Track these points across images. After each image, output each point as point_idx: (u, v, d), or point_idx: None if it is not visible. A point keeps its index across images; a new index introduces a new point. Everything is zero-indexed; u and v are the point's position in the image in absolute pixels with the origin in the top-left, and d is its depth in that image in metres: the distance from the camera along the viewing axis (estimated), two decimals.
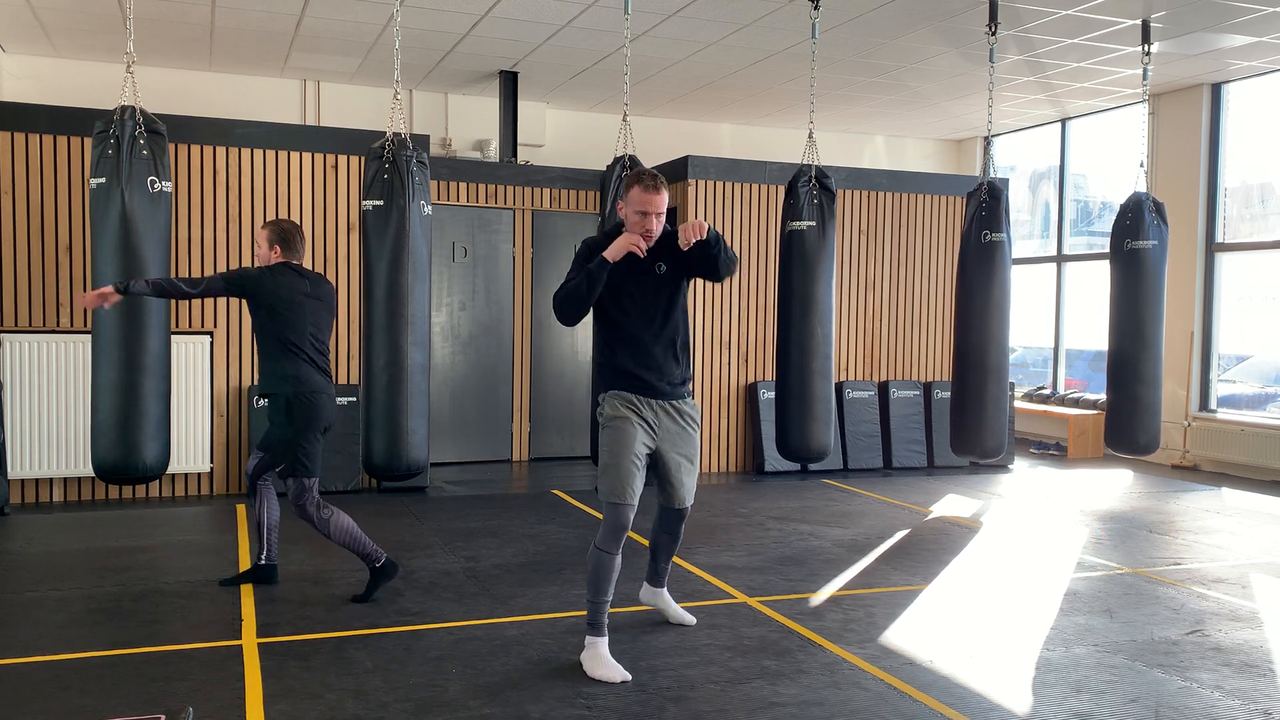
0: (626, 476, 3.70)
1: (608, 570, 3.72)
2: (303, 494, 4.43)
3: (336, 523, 4.47)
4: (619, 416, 3.77)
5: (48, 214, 6.60)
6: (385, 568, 4.62)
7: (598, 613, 3.74)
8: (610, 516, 3.71)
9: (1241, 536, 6.28)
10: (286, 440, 4.44)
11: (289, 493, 4.46)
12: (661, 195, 3.70)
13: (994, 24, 6.53)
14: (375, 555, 4.58)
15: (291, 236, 4.56)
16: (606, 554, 3.71)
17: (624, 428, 3.75)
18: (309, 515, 4.46)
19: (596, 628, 3.74)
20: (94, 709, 3.34)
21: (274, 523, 4.78)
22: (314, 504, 4.46)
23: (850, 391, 8.59)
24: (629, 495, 3.70)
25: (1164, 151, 9.46)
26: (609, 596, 3.75)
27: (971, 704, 3.52)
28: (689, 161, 8.25)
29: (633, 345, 3.79)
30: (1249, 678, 3.83)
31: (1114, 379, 6.79)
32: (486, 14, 7.41)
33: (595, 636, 3.75)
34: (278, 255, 4.54)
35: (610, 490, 3.71)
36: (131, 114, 4.47)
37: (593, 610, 3.74)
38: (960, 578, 5.20)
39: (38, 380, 6.51)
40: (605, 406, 3.82)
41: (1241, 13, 7.03)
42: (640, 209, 3.69)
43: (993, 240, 6.23)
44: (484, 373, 8.51)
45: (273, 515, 4.77)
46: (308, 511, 4.46)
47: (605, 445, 3.77)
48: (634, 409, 3.79)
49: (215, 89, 9.18)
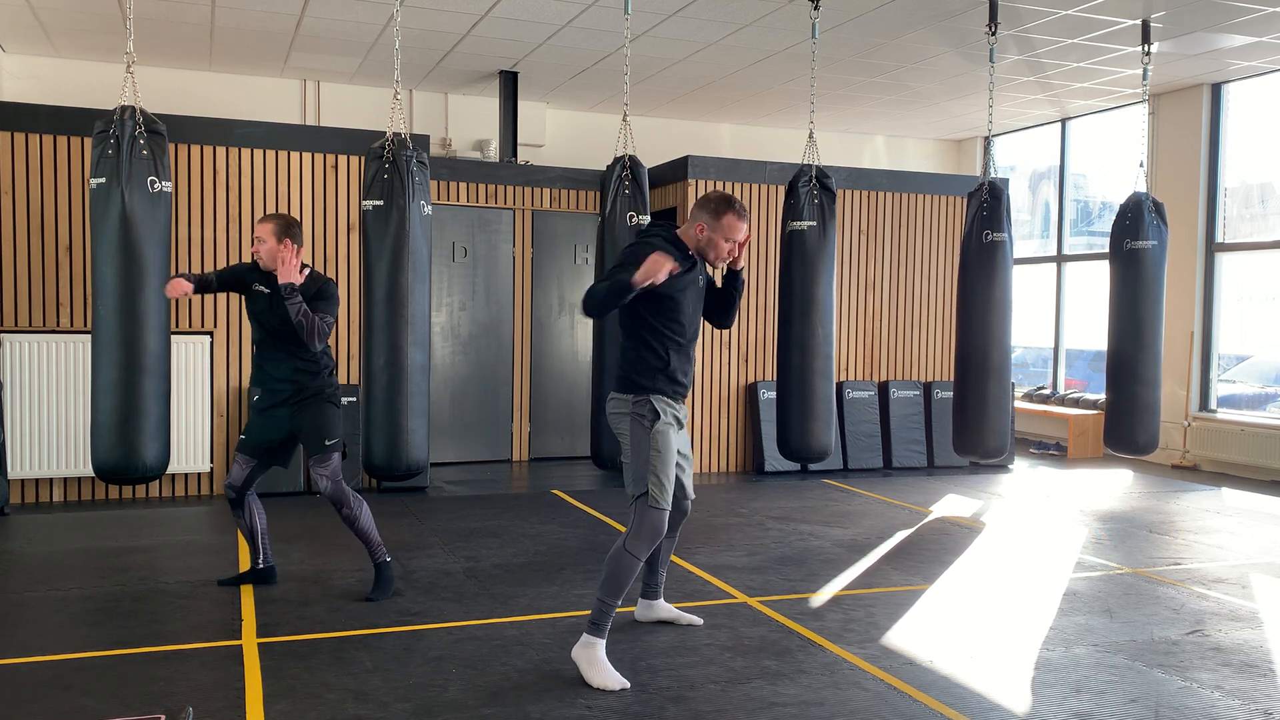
0: (671, 484, 3.77)
1: (631, 574, 3.70)
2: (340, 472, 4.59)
3: (365, 512, 4.63)
4: (667, 423, 3.79)
5: (48, 214, 6.60)
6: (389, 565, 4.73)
7: (606, 615, 3.71)
8: (651, 522, 3.70)
9: (1241, 536, 6.28)
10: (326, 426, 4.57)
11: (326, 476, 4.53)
12: (747, 224, 3.92)
13: (994, 24, 6.53)
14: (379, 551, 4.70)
15: (297, 229, 4.60)
16: (635, 559, 3.70)
17: (670, 434, 3.79)
18: (345, 496, 4.56)
19: (601, 629, 3.72)
20: (94, 709, 3.34)
21: (265, 527, 4.82)
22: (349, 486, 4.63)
23: (850, 391, 8.59)
24: (670, 502, 3.78)
25: (1164, 151, 9.46)
26: (619, 600, 3.73)
27: (971, 704, 3.52)
28: (689, 161, 8.25)
29: (680, 352, 3.86)
30: (1249, 678, 3.83)
31: (1114, 379, 6.78)
32: (486, 14, 7.41)
33: (597, 638, 3.72)
34: (289, 248, 4.54)
35: (659, 495, 3.71)
36: (131, 114, 4.46)
37: (603, 612, 3.71)
38: (960, 578, 5.20)
39: (38, 380, 6.51)
40: (653, 409, 3.78)
41: (1241, 13, 7.03)
42: (731, 236, 3.85)
43: (994, 240, 6.23)
44: (484, 373, 8.51)
45: (263, 520, 4.81)
46: (345, 493, 4.57)
47: (656, 450, 3.74)
48: (676, 415, 3.85)
49: (215, 89, 9.17)
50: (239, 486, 4.65)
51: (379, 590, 4.64)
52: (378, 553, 4.68)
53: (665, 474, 3.73)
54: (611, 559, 3.71)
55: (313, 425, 4.56)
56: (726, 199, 3.86)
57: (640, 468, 3.74)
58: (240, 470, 4.64)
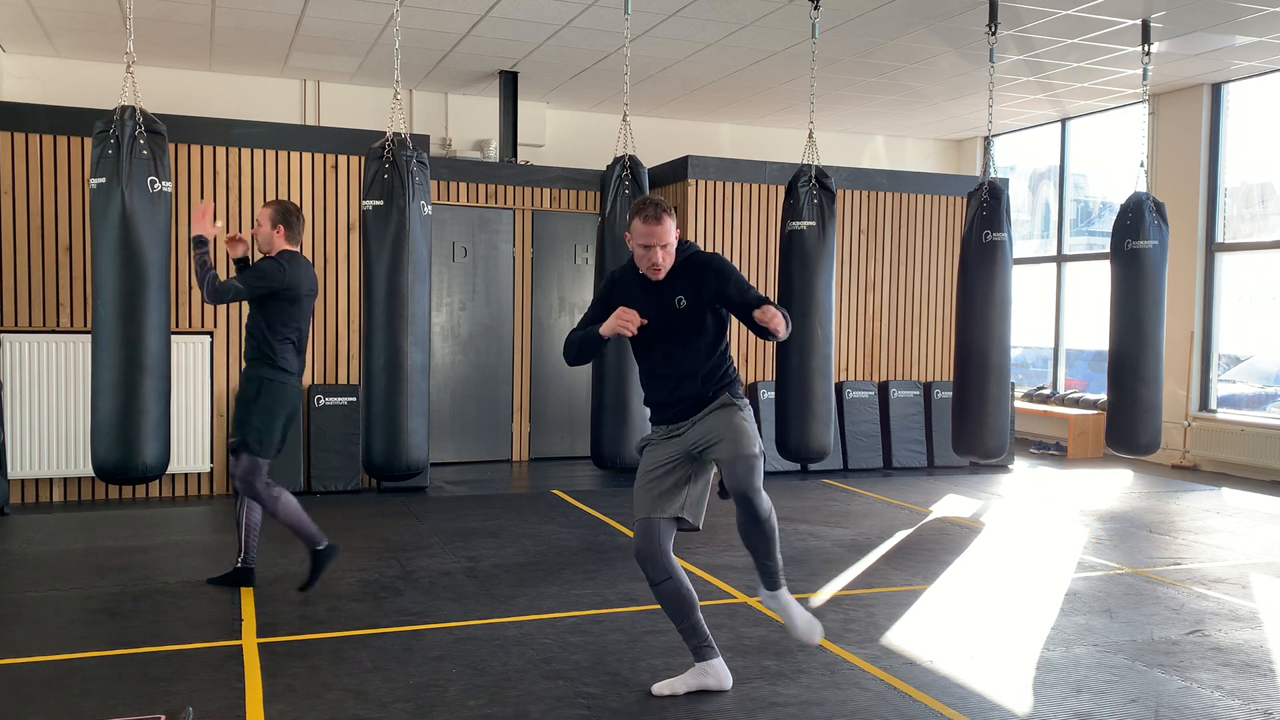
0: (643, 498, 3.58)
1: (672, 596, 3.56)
2: (253, 473, 4.54)
3: (285, 501, 4.59)
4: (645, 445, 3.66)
5: (48, 214, 6.60)
6: (327, 551, 4.68)
7: (690, 637, 3.60)
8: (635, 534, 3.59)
9: (1241, 536, 6.28)
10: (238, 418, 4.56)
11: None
12: (665, 225, 3.45)
13: (994, 24, 6.53)
14: (317, 539, 4.66)
15: (293, 219, 4.62)
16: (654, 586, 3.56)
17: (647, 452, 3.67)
18: (255, 496, 4.56)
19: (700, 652, 3.59)
20: (94, 709, 3.34)
21: (257, 524, 4.82)
22: (263, 482, 4.58)
23: (850, 391, 8.59)
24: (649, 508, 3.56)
25: (1164, 151, 9.46)
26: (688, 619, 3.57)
27: (971, 704, 3.52)
28: (689, 161, 8.25)
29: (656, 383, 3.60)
30: (1249, 678, 3.83)
31: (1114, 379, 6.79)
32: (486, 14, 7.41)
33: (703, 660, 3.59)
34: (280, 236, 4.57)
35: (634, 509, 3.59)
36: (131, 114, 4.46)
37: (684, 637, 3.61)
38: (960, 578, 5.20)
39: (38, 380, 6.51)
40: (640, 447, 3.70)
41: (1242, 12, 7.03)
42: (644, 242, 3.47)
43: (994, 240, 6.23)
44: (484, 373, 8.51)
45: (257, 515, 4.80)
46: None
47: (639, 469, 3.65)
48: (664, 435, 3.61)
49: (215, 89, 9.17)
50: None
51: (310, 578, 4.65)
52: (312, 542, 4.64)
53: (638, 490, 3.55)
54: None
55: (234, 417, 4.61)
56: (638, 205, 3.49)
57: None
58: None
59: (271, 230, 4.57)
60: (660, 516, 3.48)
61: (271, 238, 4.58)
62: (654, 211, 3.46)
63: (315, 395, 7.10)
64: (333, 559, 4.72)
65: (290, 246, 4.60)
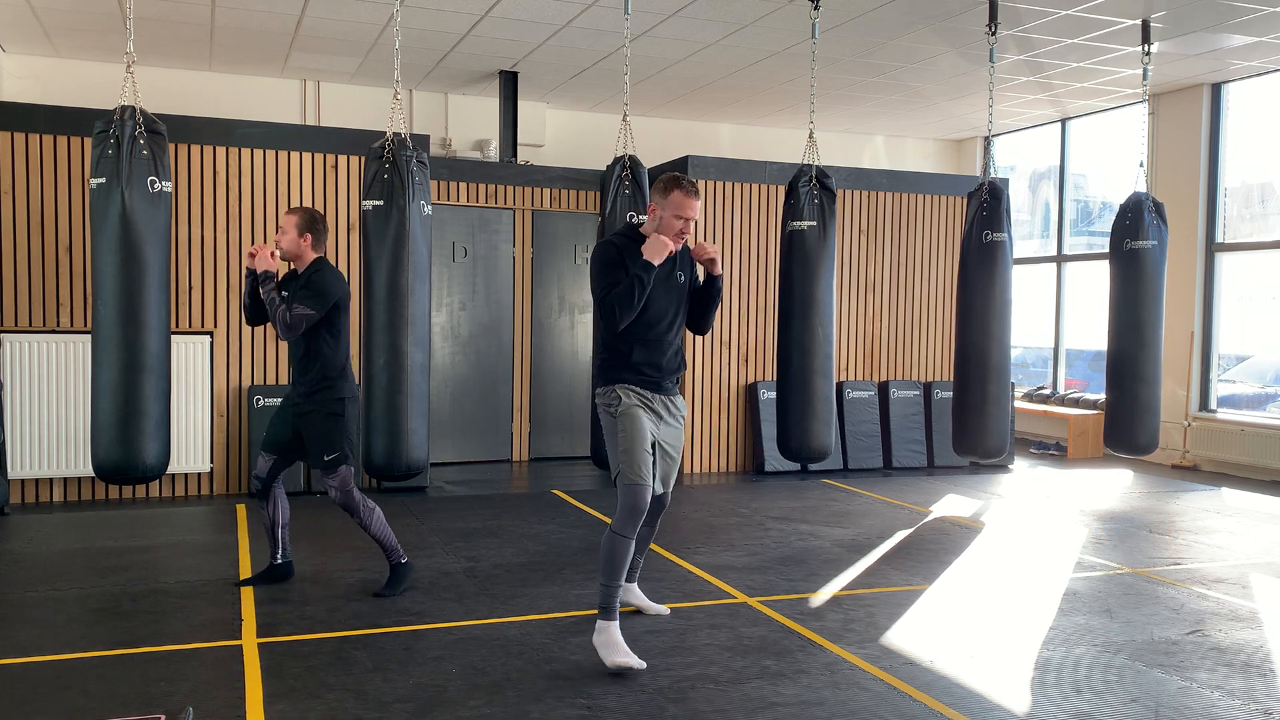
0: (644, 459, 3.87)
1: (624, 554, 3.84)
2: (350, 482, 4.61)
3: (379, 515, 4.68)
4: (634, 406, 3.92)
5: (48, 214, 6.60)
6: (408, 565, 4.79)
7: (612, 597, 3.84)
8: (629, 498, 3.83)
9: (1241, 536, 6.28)
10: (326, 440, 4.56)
11: (335, 487, 4.57)
12: (698, 201, 3.91)
13: (994, 24, 6.53)
14: (399, 553, 4.76)
15: (320, 225, 4.65)
16: (623, 538, 3.83)
17: (639, 416, 3.92)
18: (354, 505, 4.61)
19: (610, 612, 3.84)
20: (94, 709, 3.34)
21: (286, 521, 4.84)
22: (360, 493, 4.66)
23: (850, 391, 8.59)
24: (648, 476, 3.86)
25: (1164, 151, 9.46)
26: (622, 580, 3.86)
27: (971, 704, 3.52)
28: (689, 161, 8.25)
29: (646, 345, 3.95)
30: (1249, 678, 3.83)
31: (1114, 379, 6.78)
32: (486, 14, 7.41)
33: (609, 621, 3.83)
34: (307, 244, 4.59)
35: (630, 471, 3.84)
36: (131, 114, 4.46)
37: (607, 594, 3.84)
38: (960, 578, 5.20)
39: (38, 380, 6.51)
40: (618, 396, 3.94)
41: (1242, 13, 7.03)
42: (680, 213, 3.88)
43: (994, 240, 6.23)
44: (484, 373, 8.51)
45: (285, 514, 4.83)
46: (354, 502, 4.61)
47: (623, 431, 3.89)
48: (645, 401, 3.95)
49: (215, 89, 9.17)
50: (263, 478, 4.73)
51: (389, 587, 4.68)
52: (393, 555, 4.74)
53: (634, 449, 3.85)
54: (604, 543, 3.86)
55: (313, 438, 4.59)
56: (675, 178, 3.91)
57: (614, 451, 3.91)
58: (263, 463, 4.73)
59: (298, 237, 4.58)
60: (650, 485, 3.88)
61: (298, 244, 4.59)
62: (693, 188, 3.91)
63: None
64: (411, 574, 4.79)
65: (318, 253, 4.64)
